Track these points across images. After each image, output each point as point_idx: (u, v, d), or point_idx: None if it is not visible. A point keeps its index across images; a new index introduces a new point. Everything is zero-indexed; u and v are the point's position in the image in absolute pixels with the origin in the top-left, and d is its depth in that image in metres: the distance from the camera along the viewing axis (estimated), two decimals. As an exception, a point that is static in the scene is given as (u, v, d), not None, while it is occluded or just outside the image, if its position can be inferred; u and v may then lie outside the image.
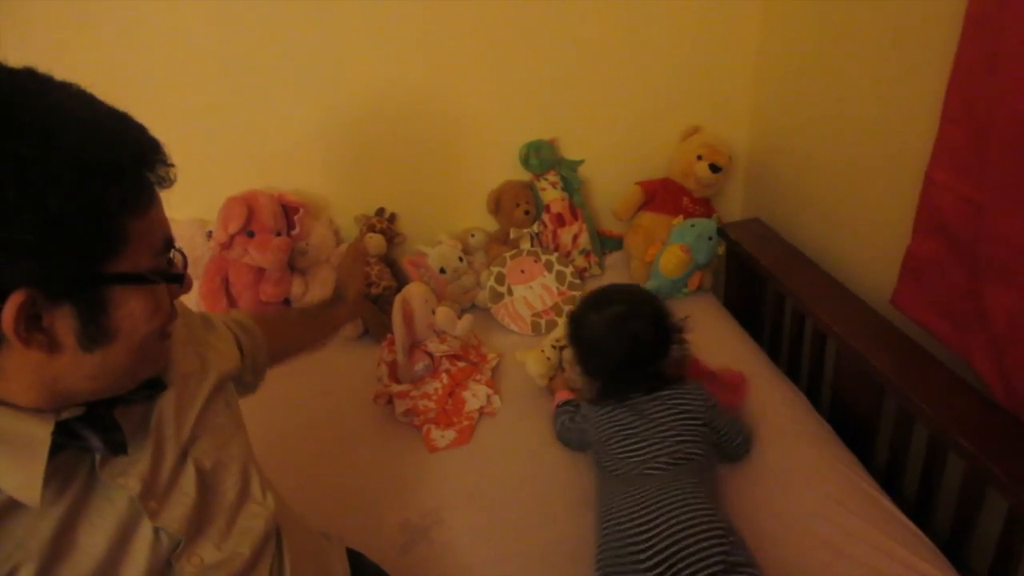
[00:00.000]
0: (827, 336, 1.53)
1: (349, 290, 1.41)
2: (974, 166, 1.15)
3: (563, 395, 1.52)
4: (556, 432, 1.46)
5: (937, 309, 1.31)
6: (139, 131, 0.67)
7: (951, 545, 1.24)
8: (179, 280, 0.72)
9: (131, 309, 0.66)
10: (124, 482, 0.70)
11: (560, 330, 1.66)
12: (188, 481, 0.78)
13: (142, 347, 0.68)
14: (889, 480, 1.38)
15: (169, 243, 0.71)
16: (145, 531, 0.72)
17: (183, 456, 0.78)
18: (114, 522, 0.70)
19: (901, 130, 1.40)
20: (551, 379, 1.59)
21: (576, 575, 1.19)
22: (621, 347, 1.27)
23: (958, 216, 1.20)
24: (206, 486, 0.80)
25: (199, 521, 0.78)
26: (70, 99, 0.63)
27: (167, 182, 0.69)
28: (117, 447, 0.70)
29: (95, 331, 0.63)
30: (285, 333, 1.23)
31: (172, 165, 0.69)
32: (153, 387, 0.77)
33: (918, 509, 1.32)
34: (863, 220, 1.59)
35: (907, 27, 1.34)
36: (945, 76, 1.19)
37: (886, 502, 1.27)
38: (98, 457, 0.69)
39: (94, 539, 0.68)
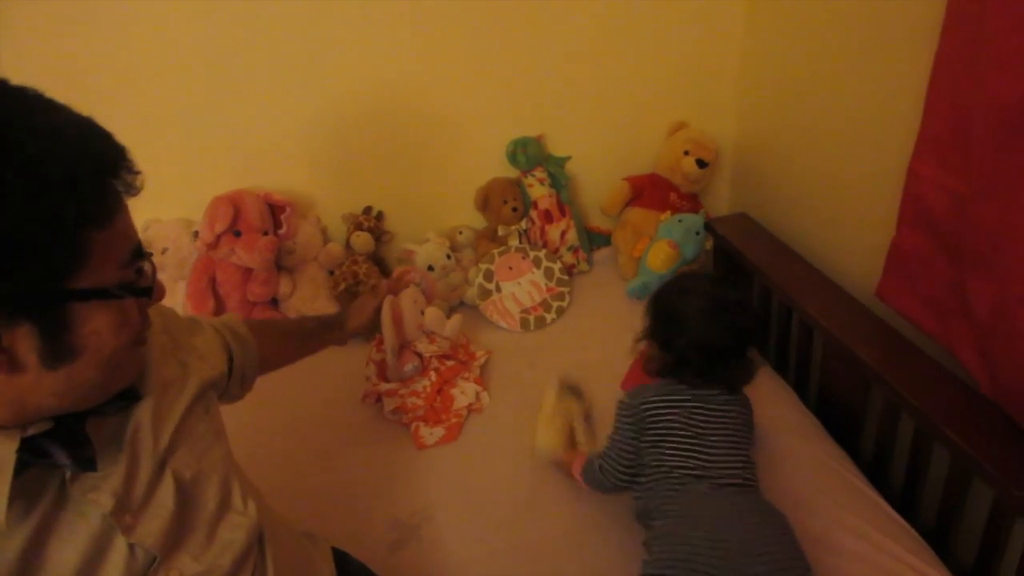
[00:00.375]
0: (814, 329, 1.54)
1: (354, 320, 1.41)
2: (956, 158, 1.15)
3: (581, 458, 1.30)
4: (599, 478, 1.23)
5: (922, 301, 1.32)
6: (102, 139, 0.65)
7: (937, 535, 1.25)
8: (147, 293, 0.70)
9: (96, 325, 0.63)
10: (95, 498, 0.69)
11: (551, 398, 1.47)
12: (166, 494, 0.76)
13: (111, 361, 0.66)
14: (876, 471, 1.39)
15: (137, 253, 0.68)
16: (120, 547, 0.70)
17: (161, 467, 0.76)
18: (86, 539, 0.68)
19: (885, 124, 1.40)
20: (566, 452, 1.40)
21: (566, 570, 1.19)
22: (726, 330, 1.17)
23: (941, 208, 1.21)
24: (185, 498, 0.78)
25: (177, 534, 0.76)
26: (26, 106, 0.61)
27: (134, 190, 0.67)
28: (85, 463, 0.68)
29: (58, 349, 0.61)
30: (278, 344, 1.22)
31: (138, 172, 0.67)
32: (128, 398, 0.75)
33: (904, 500, 1.33)
34: (848, 213, 1.60)
35: (890, 21, 1.34)
36: (928, 69, 1.19)
37: (872, 494, 1.27)
38: (68, 472, 0.67)
39: (65, 556, 0.66)
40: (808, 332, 1.60)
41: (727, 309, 1.18)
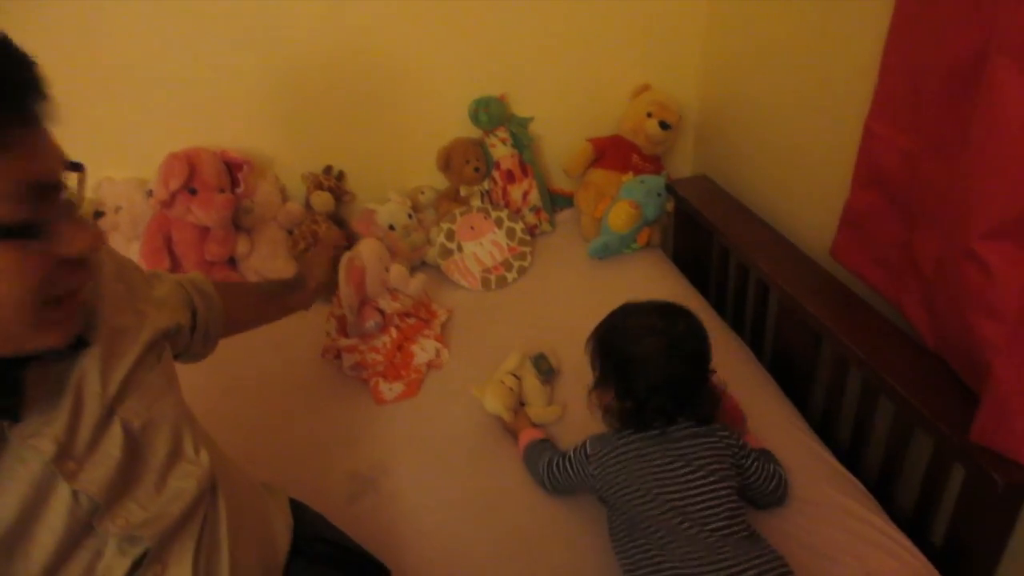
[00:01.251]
0: (769, 287, 1.56)
1: (311, 277, 1.39)
2: (909, 116, 1.17)
3: (529, 434, 1.31)
4: (542, 477, 1.22)
5: (873, 259, 1.35)
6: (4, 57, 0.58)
7: (880, 485, 1.29)
8: (26, 234, 0.60)
9: None
10: (36, 443, 0.67)
11: (512, 362, 1.46)
12: (113, 441, 0.74)
13: (12, 315, 0.60)
14: (824, 425, 1.43)
15: (42, 188, 0.60)
16: (62, 493, 0.69)
17: (108, 415, 0.75)
18: (26, 484, 0.66)
19: (844, 86, 1.42)
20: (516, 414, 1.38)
21: (522, 519, 1.21)
22: (684, 362, 1.09)
23: (894, 167, 1.23)
24: (134, 446, 0.77)
25: (124, 483, 0.75)
26: None
27: (40, 115, 0.60)
28: (8, 413, 0.65)
29: None
30: (243, 305, 1.20)
31: (47, 96, 0.61)
32: (74, 346, 0.72)
33: (851, 453, 1.37)
34: (807, 175, 1.62)
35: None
36: (885, 30, 1.20)
37: (820, 449, 1.31)
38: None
39: (4, 501, 0.65)
40: (764, 290, 1.63)
41: (680, 339, 1.11)
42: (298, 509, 1.09)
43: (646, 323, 1.13)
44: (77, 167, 0.66)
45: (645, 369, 1.10)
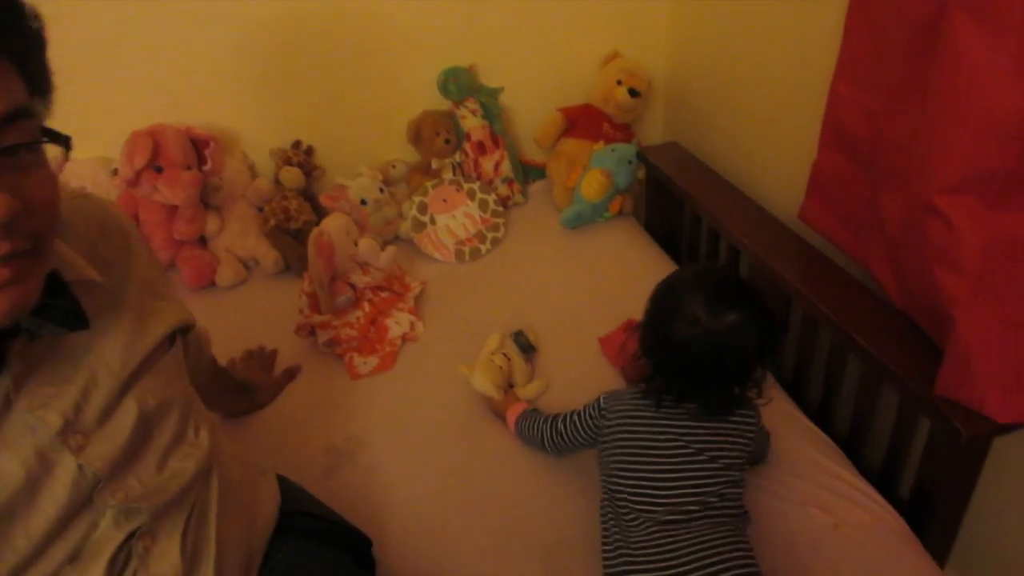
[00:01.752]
0: (740, 251, 1.58)
1: (261, 395, 1.41)
2: (873, 76, 1.18)
3: (520, 405, 1.31)
4: (542, 432, 1.21)
5: (840, 220, 1.36)
6: None
7: (850, 441, 1.32)
8: None
9: None
10: (43, 415, 0.67)
11: (494, 342, 1.44)
12: (125, 418, 0.75)
13: None
14: (796, 383, 1.45)
15: None
16: (68, 464, 0.69)
17: (123, 392, 0.75)
18: (32, 453, 0.67)
19: (811, 50, 1.42)
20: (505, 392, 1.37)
21: (498, 489, 1.23)
22: (705, 361, 0.99)
23: (859, 127, 1.24)
24: (146, 425, 0.77)
25: (128, 460, 0.75)
26: None
27: None
28: None
29: None
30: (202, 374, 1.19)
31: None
32: (68, 324, 0.70)
33: (822, 410, 1.40)
34: (776, 139, 1.63)
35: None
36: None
37: (792, 408, 1.34)
38: (9, 385, 0.65)
39: (10, 468, 0.66)
40: (735, 254, 1.64)
41: (717, 336, 0.97)
42: (281, 483, 1.09)
43: (691, 308, 0.99)
44: (57, 138, 0.61)
45: (668, 349, 1.02)
